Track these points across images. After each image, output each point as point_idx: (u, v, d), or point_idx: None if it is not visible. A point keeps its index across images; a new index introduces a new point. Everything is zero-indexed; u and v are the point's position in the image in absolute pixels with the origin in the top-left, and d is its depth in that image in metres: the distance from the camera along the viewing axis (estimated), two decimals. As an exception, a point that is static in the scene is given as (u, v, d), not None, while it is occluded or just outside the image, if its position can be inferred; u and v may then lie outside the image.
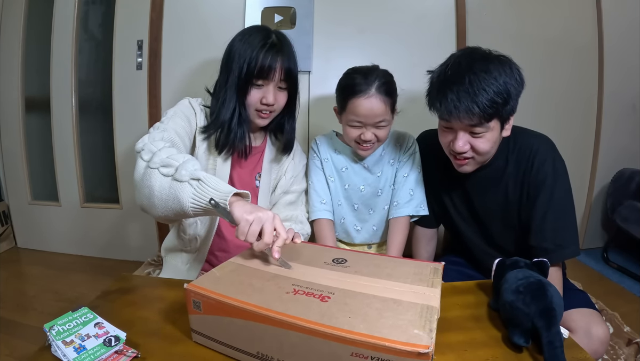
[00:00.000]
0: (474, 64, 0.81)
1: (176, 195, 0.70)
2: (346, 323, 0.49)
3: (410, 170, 1.11)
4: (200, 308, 0.58)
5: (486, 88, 0.78)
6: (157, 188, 0.71)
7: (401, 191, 1.11)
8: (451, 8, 1.74)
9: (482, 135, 0.84)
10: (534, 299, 0.60)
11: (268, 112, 0.97)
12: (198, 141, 0.98)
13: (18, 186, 2.08)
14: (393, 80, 1.02)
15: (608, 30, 1.85)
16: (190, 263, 1.06)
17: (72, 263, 1.99)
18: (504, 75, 0.80)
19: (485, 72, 0.79)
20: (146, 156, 0.76)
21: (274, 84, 0.94)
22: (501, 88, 0.79)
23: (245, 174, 1.07)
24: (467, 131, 0.84)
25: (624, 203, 1.83)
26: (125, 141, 1.88)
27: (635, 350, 1.20)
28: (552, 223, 0.89)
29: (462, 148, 0.85)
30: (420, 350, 0.45)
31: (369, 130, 1.01)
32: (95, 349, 0.56)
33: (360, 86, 0.98)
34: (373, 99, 0.97)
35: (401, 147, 1.13)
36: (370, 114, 0.98)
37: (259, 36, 0.93)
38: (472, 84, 0.78)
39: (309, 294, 0.57)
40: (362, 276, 0.64)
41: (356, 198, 1.14)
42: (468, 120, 0.81)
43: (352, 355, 0.47)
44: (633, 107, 1.95)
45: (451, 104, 0.80)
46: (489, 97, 0.78)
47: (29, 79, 2.00)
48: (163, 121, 0.92)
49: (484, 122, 0.81)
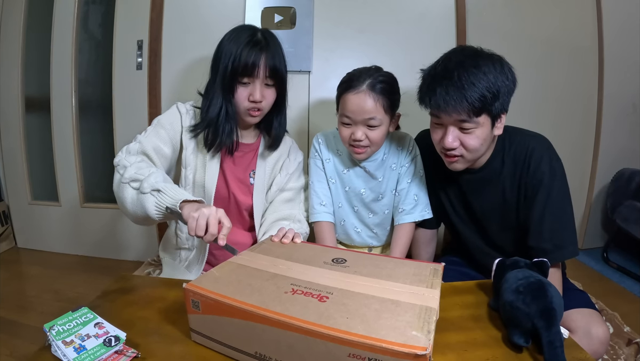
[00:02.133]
0: (464, 60, 0.82)
1: (142, 205, 0.81)
2: (344, 324, 0.49)
3: (413, 175, 1.10)
4: (199, 308, 0.58)
5: (475, 82, 0.79)
6: (129, 200, 0.84)
7: (406, 198, 1.09)
8: (451, 8, 1.74)
9: (471, 131, 0.84)
10: (534, 299, 0.60)
11: (257, 109, 0.98)
12: (185, 141, 1.00)
13: (18, 186, 2.08)
14: (391, 81, 1.01)
15: (608, 30, 1.85)
16: (188, 262, 1.06)
17: (72, 263, 1.99)
18: (494, 71, 0.81)
19: (475, 67, 0.80)
20: (120, 171, 0.87)
21: (260, 82, 0.95)
22: (491, 84, 0.79)
23: (239, 172, 1.07)
24: (456, 126, 0.85)
25: (624, 203, 1.83)
26: (125, 141, 1.85)
27: (635, 350, 1.20)
28: (550, 224, 0.88)
29: (452, 144, 0.85)
30: (418, 351, 0.45)
31: (359, 129, 0.99)
32: (95, 349, 0.56)
33: (352, 82, 0.98)
34: (362, 95, 0.96)
35: (403, 150, 1.11)
36: (358, 109, 0.97)
37: (244, 35, 0.95)
38: (461, 78, 0.79)
39: (307, 294, 0.57)
40: (361, 277, 0.64)
41: (356, 201, 1.13)
42: (457, 114, 0.81)
43: (350, 355, 0.47)
44: (633, 107, 1.95)
45: (440, 98, 0.81)
46: (478, 91, 0.79)
47: (29, 79, 2.00)
48: (147, 130, 0.98)
49: (473, 117, 0.81)
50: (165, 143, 0.98)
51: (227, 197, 1.05)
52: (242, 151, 1.07)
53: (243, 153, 1.07)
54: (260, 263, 0.69)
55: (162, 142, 0.97)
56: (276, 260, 0.71)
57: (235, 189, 1.06)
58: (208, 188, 1.01)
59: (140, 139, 0.96)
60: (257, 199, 1.08)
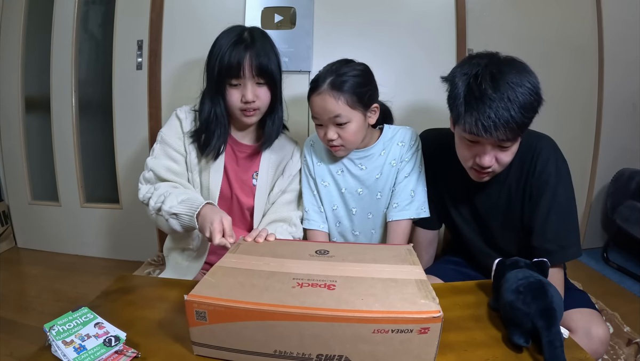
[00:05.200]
0: (508, 75, 0.76)
1: (172, 227, 0.94)
2: (363, 305, 0.54)
3: (412, 169, 1.06)
4: (206, 318, 0.55)
5: (520, 99, 0.75)
6: (164, 225, 0.97)
7: (402, 192, 1.05)
8: (451, 8, 1.73)
9: (508, 148, 0.82)
10: (534, 299, 0.60)
11: (252, 109, 0.97)
12: (187, 146, 1.02)
13: (18, 186, 2.08)
14: (358, 74, 0.97)
15: (608, 30, 1.85)
16: (190, 261, 1.07)
17: (72, 263, 1.98)
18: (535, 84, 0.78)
19: (521, 86, 0.76)
20: (146, 202, 0.99)
21: (250, 81, 0.94)
22: (534, 99, 0.76)
23: (243, 173, 1.08)
24: (495, 146, 0.82)
25: (624, 203, 1.83)
26: (125, 140, 1.88)
27: (635, 350, 1.20)
28: (554, 225, 0.88)
29: (490, 163, 0.83)
30: (434, 314, 0.51)
31: (330, 128, 0.98)
32: (95, 349, 0.56)
33: (316, 82, 0.98)
34: (323, 95, 0.95)
35: (405, 145, 1.07)
36: (321, 110, 0.97)
37: (230, 35, 0.95)
38: (510, 97, 0.74)
39: (314, 285, 0.59)
40: (350, 263, 0.68)
41: (354, 203, 1.10)
42: (504, 135, 0.77)
43: (374, 331, 0.52)
44: (633, 106, 1.95)
45: (489, 120, 0.75)
46: (527, 114, 0.76)
47: (29, 79, 1.99)
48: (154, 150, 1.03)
49: (517, 137, 0.79)
50: (175, 159, 1.01)
51: (230, 198, 1.07)
52: (244, 152, 1.08)
53: (245, 155, 1.08)
54: (249, 263, 0.68)
55: (171, 160, 1.01)
56: (264, 258, 0.70)
57: (238, 190, 1.07)
58: (212, 190, 1.03)
59: (150, 166, 1.00)
60: (259, 201, 1.09)
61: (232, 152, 1.07)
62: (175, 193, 0.95)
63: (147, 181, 1.01)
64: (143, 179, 1.01)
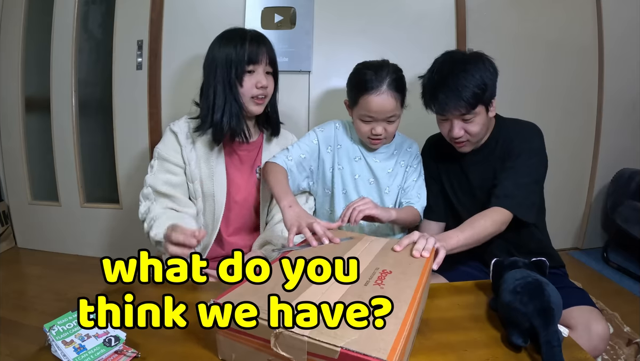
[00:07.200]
0: (454, 67, 0.98)
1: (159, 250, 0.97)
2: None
3: (418, 176, 1.17)
4: None
5: (467, 84, 0.95)
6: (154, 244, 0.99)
7: (411, 192, 1.16)
8: (451, 8, 1.74)
9: (471, 120, 0.99)
10: (531, 299, 0.60)
11: (263, 96, 1.02)
12: (186, 157, 1.03)
13: (18, 186, 2.08)
14: (403, 75, 1.05)
15: (608, 30, 1.85)
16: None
17: (72, 263, 1.98)
18: (480, 70, 0.96)
19: (464, 71, 0.96)
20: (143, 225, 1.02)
21: (263, 68, 1.01)
22: (479, 81, 0.95)
23: (246, 169, 1.10)
24: (459, 119, 1.00)
25: (624, 203, 1.83)
26: (125, 141, 1.88)
27: (635, 350, 1.20)
28: (513, 180, 0.99)
29: (458, 134, 1.01)
30: None
31: (379, 125, 1.04)
32: (95, 349, 0.56)
33: (372, 82, 1.00)
34: (384, 96, 1.00)
35: (412, 153, 1.18)
36: (381, 110, 1.01)
37: (239, 33, 1.00)
38: (456, 84, 0.95)
39: (381, 277, 0.62)
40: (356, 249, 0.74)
41: (364, 191, 1.15)
42: (458, 111, 0.98)
43: None
44: (633, 107, 1.95)
45: (443, 103, 0.98)
46: (470, 90, 0.95)
47: (29, 79, 1.99)
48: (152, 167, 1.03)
49: (471, 110, 0.98)
50: (174, 172, 1.03)
51: (236, 201, 1.08)
52: (246, 149, 1.10)
53: (248, 151, 1.10)
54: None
55: (170, 173, 1.02)
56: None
57: (243, 192, 1.09)
58: (218, 197, 1.04)
59: (149, 182, 1.02)
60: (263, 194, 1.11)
61: (232, 153, 1.08)
62: (163, 218, 0.95)
63: (145, 197, 1.02)
64: (142, 196, 1.02)
